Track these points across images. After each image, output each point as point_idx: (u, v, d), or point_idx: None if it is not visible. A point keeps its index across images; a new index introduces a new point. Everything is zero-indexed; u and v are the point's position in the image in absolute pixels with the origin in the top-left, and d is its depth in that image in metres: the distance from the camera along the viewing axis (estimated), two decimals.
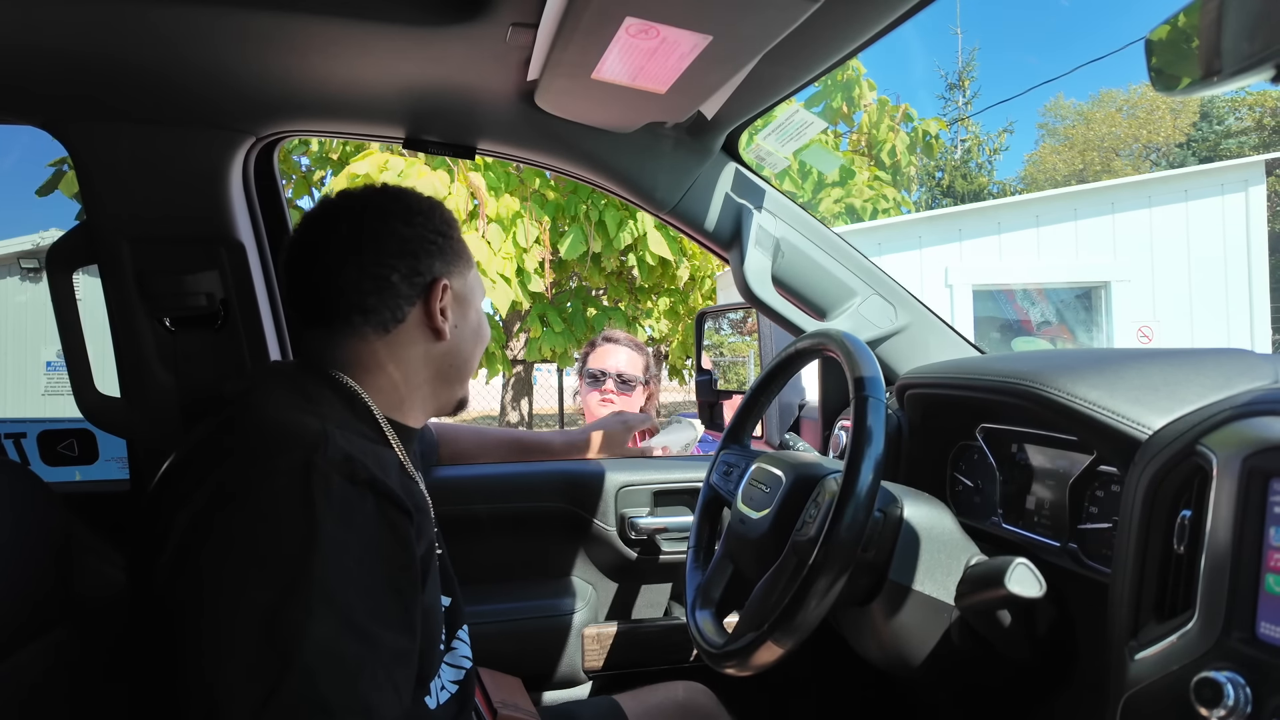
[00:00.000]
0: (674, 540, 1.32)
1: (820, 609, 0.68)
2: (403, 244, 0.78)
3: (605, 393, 1.80)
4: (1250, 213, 6.98)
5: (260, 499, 0.61)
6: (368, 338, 0.78)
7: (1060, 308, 7.32)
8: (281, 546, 0.59)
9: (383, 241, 0.77)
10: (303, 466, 0.62)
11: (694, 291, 7.66)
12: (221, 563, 0.60)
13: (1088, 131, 23.18)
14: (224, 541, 0.60)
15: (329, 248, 0.78)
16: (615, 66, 0.79)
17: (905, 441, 1.08)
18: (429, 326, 0.80)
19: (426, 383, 0.82)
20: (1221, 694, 0.50)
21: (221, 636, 0.57)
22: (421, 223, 0.80)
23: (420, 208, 0.81)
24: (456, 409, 0.88)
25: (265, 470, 0.62)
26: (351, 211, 0.79)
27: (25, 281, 9.53)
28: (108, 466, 1.30)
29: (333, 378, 0.76)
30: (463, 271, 0.84)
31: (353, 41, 0.84)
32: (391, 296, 0.77)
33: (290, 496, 0.61)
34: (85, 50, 0.84)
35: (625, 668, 1.31)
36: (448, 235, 0.82)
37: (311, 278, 0.79)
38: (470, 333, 0.85)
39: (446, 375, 0.84)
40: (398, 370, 0.79)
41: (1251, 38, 0.40)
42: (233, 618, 0.58)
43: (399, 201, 0.81)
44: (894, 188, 9.14)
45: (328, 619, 0.58)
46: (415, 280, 0.78)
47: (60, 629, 0.78)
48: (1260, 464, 0.54)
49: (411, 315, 0.79)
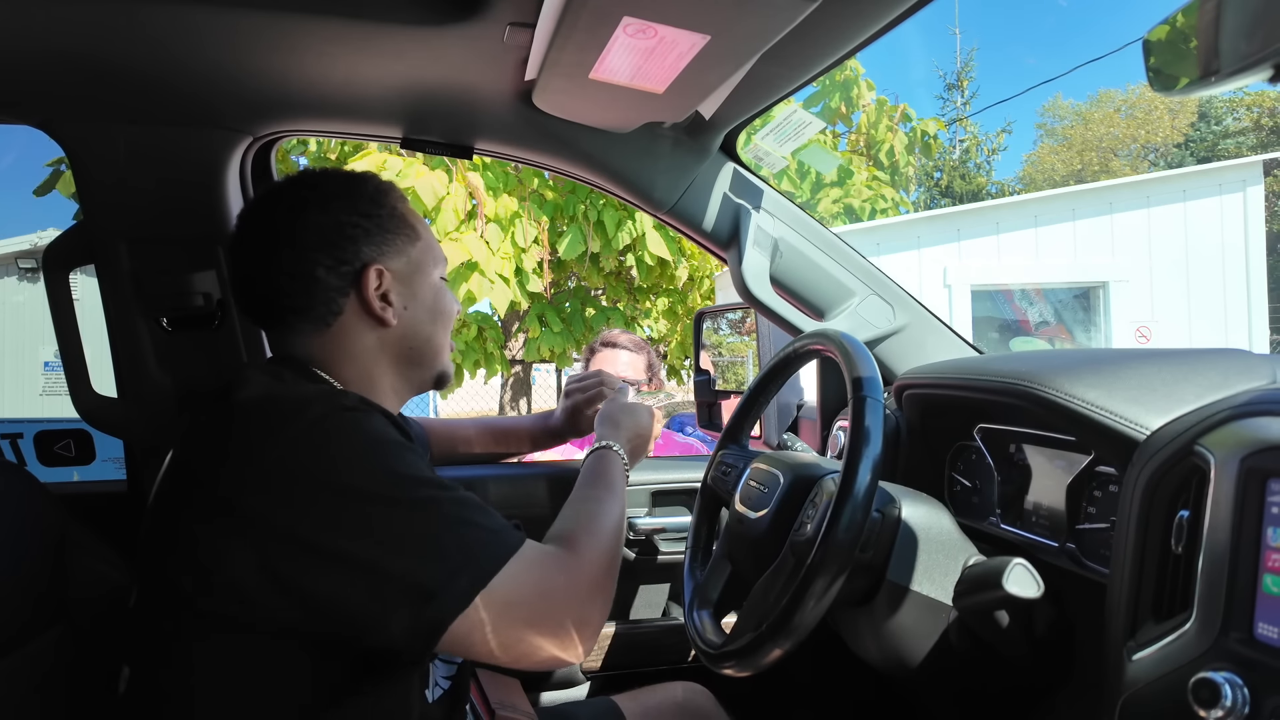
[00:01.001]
0: (672, 540, 1.32)
1: (818, 609, 0.68)
2: (321, 234, 0.74)
3: None
4: (1248, 213, 6.99)
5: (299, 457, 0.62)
6: (310, 335, 0.76)
7: (1058, 308, 7.33)
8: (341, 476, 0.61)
9: (300, 235, 0.74)
10: (321, 416, 0.64)
11: (692, 292, 7.66)
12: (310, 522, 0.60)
13: (1086, 132, 23.21)
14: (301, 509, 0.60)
15: (253, 250, 0.76)
16: (613, 66, 0.79)
17: (903, 442, 1.08)
18: (370, 315, 0.76)
19: (390, 368, 0.79)
20: (1219, 694, 0.50)
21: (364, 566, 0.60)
22: (340, 208, 0.76)
23: (338, 191, 0.77)
24: (437, 384, 0.85)
25: (281, 437, 0.63)
26: (267, 208, 0.77)
27: (23, 281, 9.52)
28: (105, 467, 1.29)
29: (308, 370, 0.75)
30: (402, 249, 0.79)
31: (350, 41, 0.84)
32: (321, 291, 0.74)
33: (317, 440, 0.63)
34: (82, 50, 0.84)
35: (623, 668, 1.31)
36: (373, 215, 0.77)
37: (244, 282, 0.77)
38: (426, 311, 0.80)
39: (410, 358, 0.81)
40: (353, 363, 0.77)
41: (1250, 37, 0.40)
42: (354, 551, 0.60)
43: (314, 189, 0.77)
44: (892, 188, 9.15)
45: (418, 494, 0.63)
46: (343, 270, 0.74)
47: (57, 629, 0.78)
48: (1258, 464, 0.54)
49: (348, 306, 0.75)
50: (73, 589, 0.81)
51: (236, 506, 0.61)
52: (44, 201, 10.32)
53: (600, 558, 0.72)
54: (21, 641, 0.73)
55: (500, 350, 7.06)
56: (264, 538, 0.60)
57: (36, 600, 0.76)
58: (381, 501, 0.61)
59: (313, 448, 0.62)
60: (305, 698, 0.64)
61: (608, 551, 0.74)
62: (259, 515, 0.60)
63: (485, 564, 0.62)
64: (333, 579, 0.59)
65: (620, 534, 0.79)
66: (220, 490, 0.62)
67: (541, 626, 0.64)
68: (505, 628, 0.62)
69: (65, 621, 0.79)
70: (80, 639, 0.80)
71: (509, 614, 0.62)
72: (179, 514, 0.64)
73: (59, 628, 0.78)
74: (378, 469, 0.63)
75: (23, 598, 0.73)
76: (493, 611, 0.61)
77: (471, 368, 6.96)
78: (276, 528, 0.60)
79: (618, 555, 0.76)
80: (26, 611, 0.74)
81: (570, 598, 0.67)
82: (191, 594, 0.62)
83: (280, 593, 0.60)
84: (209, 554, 0.61)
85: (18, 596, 0.73)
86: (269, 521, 0.60)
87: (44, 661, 0.75)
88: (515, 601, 0.63)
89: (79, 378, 1.06)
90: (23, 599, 0.73)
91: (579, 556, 0.70)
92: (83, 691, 0.79)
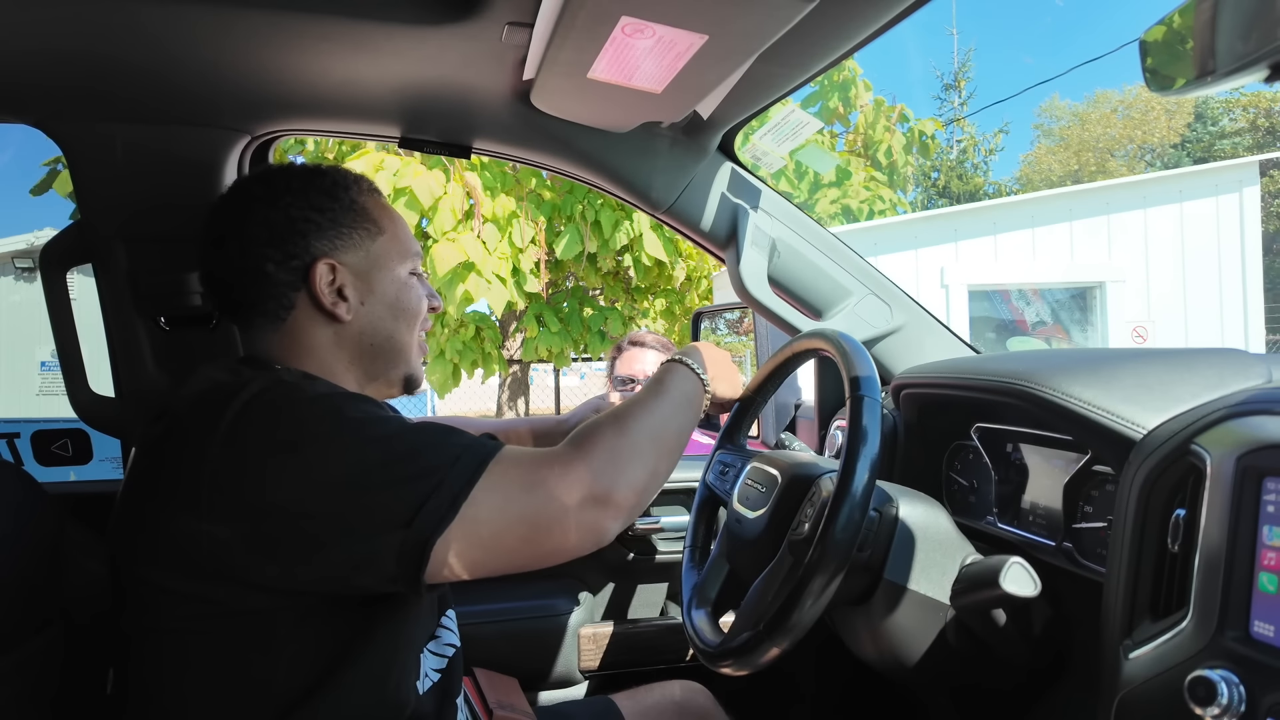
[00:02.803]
0: (670, 540, 1.32)
1: (816, 608, 0.68)
2: (270, 229, 0.74)
3: None
4: (1244, 213, 7.01)
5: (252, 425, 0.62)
6: (267, 331, 0.76)
7: (1055, 308, 7.34)
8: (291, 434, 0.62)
9: (248, 230, 0.74)
10: (261, 390, 0.64)
11: (690, 292, 7.67)
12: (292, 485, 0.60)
13: (1083, 132, 23.25)
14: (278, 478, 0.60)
15: (211, 247, 0.76)
16: (611, 66, 0.79)
17: (901, 441, 1.08)
18: (321, 310, 0.75)
19: (352, 366, 0.79)
20: (1215, 692, 0.50)
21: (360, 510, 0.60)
22: (290, 203, 0.75)
23: (290, 186, 0.76)
24: (406, 388, 0.84)
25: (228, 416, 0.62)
26: (222, 205, 0.78)
27: (20, 281, 9.49)
28: (102, 467, 1.29)
29: (268, 365, 0.75)
30: (359, 243, 0.77)
31: (348, 40, 0.84)
32: (270, 286, 0.74)
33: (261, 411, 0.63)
34: (79, 49, 0.84)
35: (621, 667, 1.31)
36: (326, 209, 0.76)
37: (206, 280, 0.78)
38: (385, 308, 0.79)
39: (372, 355, 0.79)
40: (311, 359, 0.76)
41: (1245, 38, 0.40)
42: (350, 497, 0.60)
43: (265, 185, 0.77)
44: (890, 188, 9.16)
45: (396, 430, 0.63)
46: (292, 265, 0.74)
47: (53, 629, 0.78)
48: (1254, 463, 0.54)
49: (300, 301, 0.75)
50: (69, 589, 0.81)
51: (203, 491, 0.61)
52: (41, 201, 10.33)
53: (612, 443, 0.69)
54: (17, 641, 0.73)
55: (498, 350, 7.06)
56: (237, 514, 0.60)
57: (33, 600, 0.75)
58: (338, 444, 0.61)
59: (260, 418, 0.62)
60: (296, 681, 0.64)
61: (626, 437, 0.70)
62: (227, 493, 0.60)
63: (461, 474, 0.62)
64: (313, 533, 0.60)
65: (663, 431, 0.74)
66: (184, 480, 0.62)
67: (540, 522, 0.64)
68: (504, 532, 0.62)
69: (62, 621, 0.79)
70: (76, 639, 0.80)
71: (500, 518, 0.62)
72: (152, 511, 0.64)
73: (55, 628, 0.78)
74: (326, 417, 0.63)
75: (19, 598, 0.73)
76: (482, 518, 0.61)
77: (469, 368, 6.95)
78: (246, 501, 0.60)
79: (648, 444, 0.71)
80: (23, 611, 0.74)
81: (570, 484, 0.65)
82: (178, 587, 0.62)
83: (268, 561, 0.60)
84: (190, 544, 0.61)
85: (14, 596, 0.73)
86: (238, 496, 0.60)
87: (40, 661, 0.75)
88: (503, 504, 0.62)
89: (76, 377, 1.06)
90: (19, 599, 0.73)
91: (581, 448, 0.68)
92: (79, 691, 0.79)
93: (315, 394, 0.66)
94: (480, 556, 0.62)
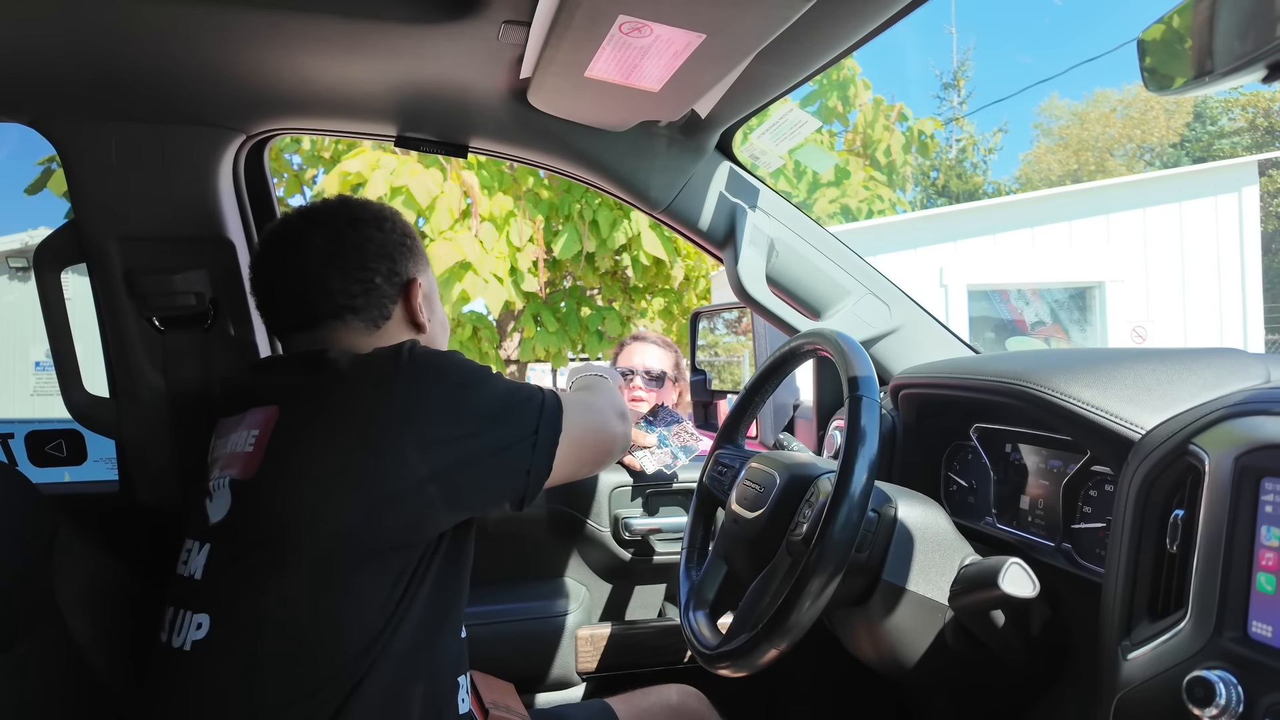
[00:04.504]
0: (668, 541, 1.32)
1: (814, 609, 0.68)
2: (380, 248, 0.87)
3: (634, 389, 1.79)
4: (1243, 213, 7.03)
5: None
6: (362, 334, 0.86)
7: (1054, 307, 7.35)
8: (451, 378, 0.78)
9: (363, 247, 0.86)
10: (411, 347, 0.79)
11: (688, 291, 7.66)
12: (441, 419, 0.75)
13: (1082, 131, 23.28)
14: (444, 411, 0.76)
15: (310, 258, 0.85)
16: (608, 65, 0.78)
17: (899, 441, 1.08)
18: (411, 321, 0.90)
19: None
20: (1213, 693, 0.50)
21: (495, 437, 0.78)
22: (391, 228, 0.90)
23: (386, 214, 0.91)
24: None
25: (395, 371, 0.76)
26: (326, 222, 0.87)
27: (14, 281, 9.48)
28: (96, 467, 1.28)
29: None
30: (426, 270, 0.94)
31: (344, 39, 0.84)
32: (377, 296, 0.86)
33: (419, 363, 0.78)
34: (74, 48, 0.84)
35: (619, 669, 1.31)
36: (413, 239, 0.93)
37: (294, 286, 0.85)
38: (439, 324, 0.96)
39: None
40: None
41: (1243, 37, 0.40)
42: None
43: (367, 210, 0.90)
44: (889, 187, 9.17)
45: None
46: (395, 280, 0.88)
47: (48, 630, 0.77)
48: (1252, 463, 0.54)
49: (395, 312, 0.89)
50: (63, 589, 0.80)
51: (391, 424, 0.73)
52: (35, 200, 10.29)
53: (612, 399, 0.97)
54: (12, 642, 0.72)
55: (495, 350, 7.06)
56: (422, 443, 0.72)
57: (27, 601, 0.75)
58: (482, 385, 0.78)
59: (429, 365, 0.77)
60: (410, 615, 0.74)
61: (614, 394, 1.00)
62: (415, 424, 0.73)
63: (550, 398, 0.82)
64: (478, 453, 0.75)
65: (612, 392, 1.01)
66: (365, 418, 0.74)
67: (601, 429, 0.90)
68: (584, 437, 0.85)
69: (56, 622, 0.79)
70: (70, 640, 0.79)
71: (579, 426, 0.84)
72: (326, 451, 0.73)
73: (50, 628, 0.78)
74: (469, 365, 0.79)
75: (13, 599, 0.73)
76: (571, 426, 0.82)
77: None
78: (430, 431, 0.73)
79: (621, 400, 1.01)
80: (17, 612, 0.73)
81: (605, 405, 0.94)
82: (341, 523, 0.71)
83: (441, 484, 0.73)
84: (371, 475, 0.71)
85: (9, 597, 0.72)
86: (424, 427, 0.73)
87: (35, 662, 0.75)
88: (579, 416, 0.85)
89: (70, 377, 1.06)
90: (13, 600, 0.73)
91: (594, 389, 0.98)
92: (74, 692, 0.79)
93: (446, 352, 0.81)
94: (575, 454, 0.84)
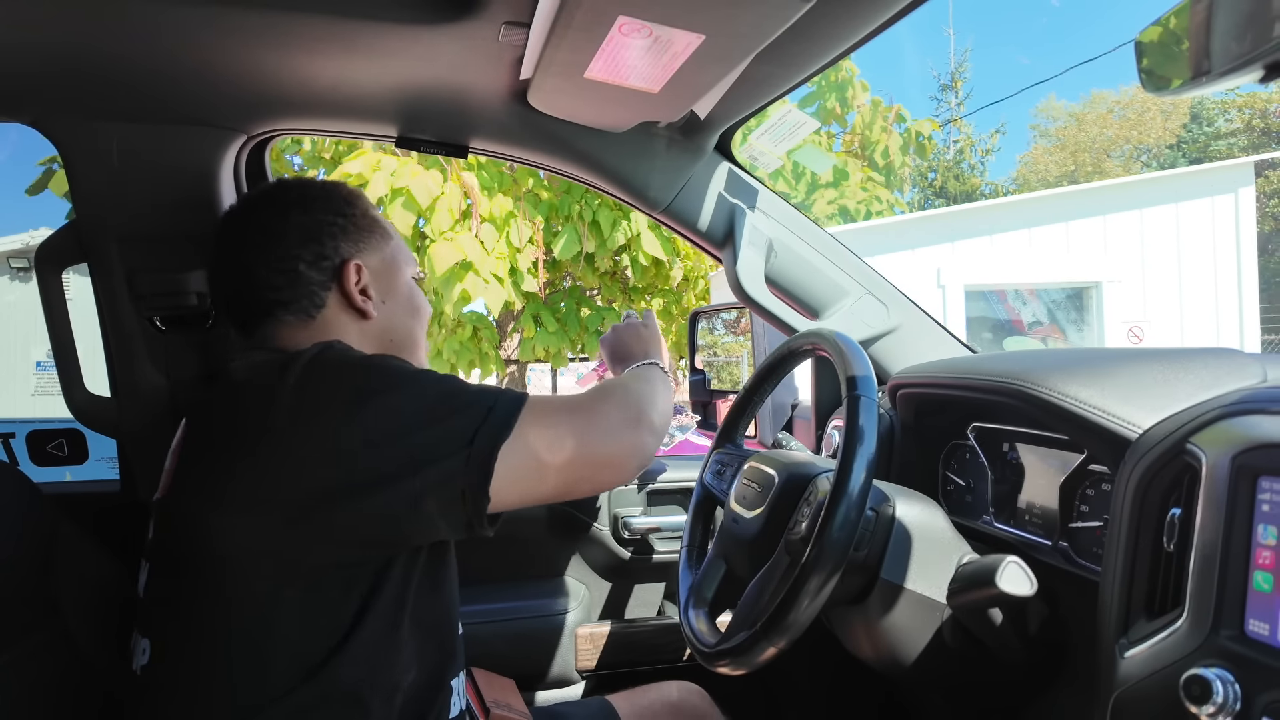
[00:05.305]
0: (667, 540, 1.32)
1: (813, 608, 0.68)
2: (303, 232, 0.80)
3: None
4: (1240, 214, 7.03)
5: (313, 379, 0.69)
6: (296, 328, 0.80)
7: (1052, 308, 7.36)
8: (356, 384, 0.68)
9: (285, 234, 0.80)
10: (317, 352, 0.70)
11: (687, 292, 7.66)
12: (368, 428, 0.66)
13: (1079, 133, 23.30)
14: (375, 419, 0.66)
15: (237, 251, 0.81)
16: (608, 65, 0.79)
17: (897, 441, 1.08)
18: (351, 308, 0.82)
19: None
20: (1210, 691, 0.50)
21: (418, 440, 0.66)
22: (319, 208, 0.82)
23: (314, 193, 0.83)
24: None
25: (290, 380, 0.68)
26: (249, 212, 0.83)
27: (15, 281, 9.47)
28: (97, 467, 1.28)
29: None
30: (377, 247, 0.85)
31: (345, 39, 0.84)
32: (305, 285, 0.79)
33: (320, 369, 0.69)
34: (75, 47, 0.84)
35: (618, 667, 1.31)
36: (348, 214, 0.83)
37: (228, 284, 0.82)
38: (403, 305, 0.86)
39: (391, 350, 0.85)
40: None
41: (1240, 38, 0.41)
42: None
43: (292, 191, 0.83)
44: (887, 188, 9.17)
45: None
46: (323, 265, 0.80)
47: (48, 629, 0.77)
48: (1249, 462, 0.54)
49: (330, 299, 0.81)
50: (64, 589, 0.81)
51: (273, 444, 0.65)
52: (37, 200, 10.26)
53: (628, 384, 0.82)
54: (12, 641, 0.72)
55: (495, 350, 7.05)
56: (310, 462, 0.64)
57: (28, 600, 0.75)
58: (399, 392, 0.68)
59: (324, 374, 0.68)
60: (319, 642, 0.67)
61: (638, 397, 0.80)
62: (298, 444, 0.65)
63: (508, 401, 0.70)
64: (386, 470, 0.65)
65: (657, 387, 0.85)
66: (250, 435, 0.67)
67: (588, 439, 0.73)
68: (556, 447, 0.70)
69: (56, 621, 0.79)
70: (69, 640, 0.79)
71: (551, 434, 0.70)
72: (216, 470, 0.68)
73: (50, 628, 0.78)
74: (384, 371, 0.69)
75: (14, 598, 0.73)
76: (533, 434, 0.69)
77: (466, 368, 6.94)
78: (317, 449, 0.65)
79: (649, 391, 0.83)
80: (17, 612, 0.74)
81: (607, 406, 0.76)
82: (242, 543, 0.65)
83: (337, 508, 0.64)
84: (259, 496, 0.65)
85: (9, 597, 0.72)
86: (309, 446, 0.65)
87: (35, 662, 0.75)
88: (551, 422, 0.71)
89: (72, 377, 1.06)
90: (14, 599, 0.73)
91: (604, 387, 0.79)
92: (71, 692, 0.79)
93: (369, 355, 0.73)
94: (537, 475, 0.70)
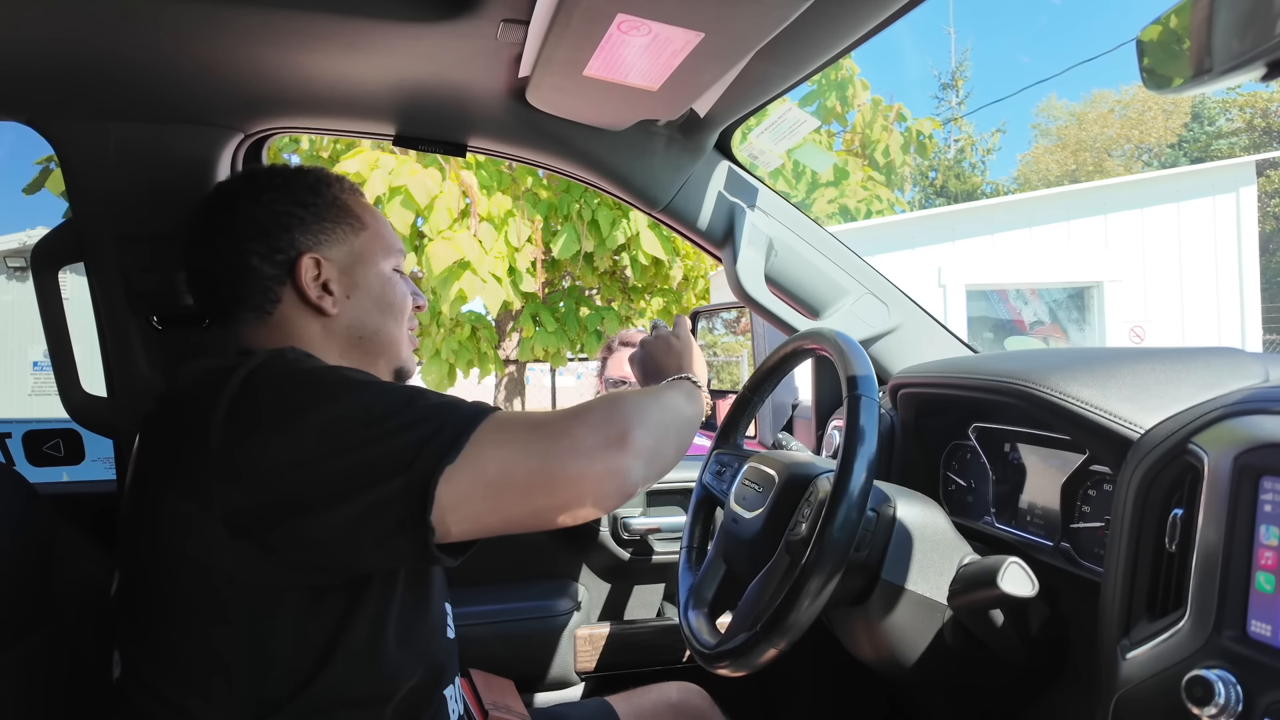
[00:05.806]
0: (667, 541, 1.32)
1: (813, 609, 0.68)
2: (254, 224, 0.76)
3: None
4: (1241, 213, 7.03)
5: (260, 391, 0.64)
6: (254, 326, 0.77)
7: (1053, 307, 7.35)
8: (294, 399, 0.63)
9: (237, 228, 0.76)
10: (259, 364, 0.66)
11: (687, 291, 7.66)
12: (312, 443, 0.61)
13: (1080, 132, 23.30)
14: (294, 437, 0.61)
15: (196, 247, 0.78)
16: (607, 63, 0.78)
17: (898, 441, 1.08)
18: (308, 304, 0.76)
19: (343, 359, 0.79)
20: (1212, 692, 0.50)
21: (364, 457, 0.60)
22: (272, 199, 0.77)
23: (271, 184, 0.78)
24: (397, 379, 0.84)
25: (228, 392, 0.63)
26: (206, 204, 0.79)
27: (11, 280, 9.46)
28: (94, 467, 1.28)
29: None
30: (342, 239, 0.79)
31: (342, 37, 0.84)
32: (256, 280, 0.75)
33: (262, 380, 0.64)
34: (71, 46, 0.83)
35: (618, 669, 1.31)
36: (309, 204, 0.78)
37: (194, 281, 0.80)
38: (371, 301, 0.80)
39: (362, 348, 0.80)
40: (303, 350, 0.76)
41: (1241, 36, 0.40)
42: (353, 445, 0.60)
43: (249, 182, 0.79)
44: (887, 187, 9.17)
45: None
46: (276, 259, 0.75)
47: (46, 630, 0.77)
48: (1251, 462, 0.54)
49: (286, 295, 0.76)
50: (61, 589, 0.80)
51: (211, 462, 0.61)
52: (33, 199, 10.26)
53: (618, 398, 0.68)
54: (11, 642, 0.72)
55: (494, 350, 7.05)
56: (246, 480, 0.60)
57: (25, 601, 0.75)
58: (341, 405, 0.62)
59: (265, 386, 0.63)
60: (302, 659, 0.64)
61: (625, 413, 0.67)
62: (235, 462, 0.61)
63: (461, 418, 0.62)
64: (324, 490, 0.60)
65: (670, 404, 0.75)
66: (188, 454, 0.63)
67: (553, 461, 0.62)
68: (512, 471, 0.61)
69: (54, 622, 0.78)
70: (68, 640, 0.79)
71: (507, 456, 0.61)
72: (162, 488, 0.65)
73: (48, 628, 0.77)
74: (330, 382, 0.64)
75: (12, 599, 0.73)
76: (486, 457, 0.60)
77: (465, 367, 6.94)
78: (253, 466, 0.60)
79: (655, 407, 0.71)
80: (15, 612, 0.73)
81: (582, 423, 0.64)
82: (189, 562, 0.62)
83: (277, 526, 0.60)
84: (199, 515, 0.61)
85: (8, 597, 0.72)
86: (246, 462, 0.61)
87: (33, 662, 0.75)
88: (509, 442, 0.62)
89: (68, 377, 1.06)
90: (12, 600, 0.73)
91: (588, 404, 0.68)
92: (70, 692, 0.79)
93: (316, 364, 0.67)
94: (490, 502, 0.61)
